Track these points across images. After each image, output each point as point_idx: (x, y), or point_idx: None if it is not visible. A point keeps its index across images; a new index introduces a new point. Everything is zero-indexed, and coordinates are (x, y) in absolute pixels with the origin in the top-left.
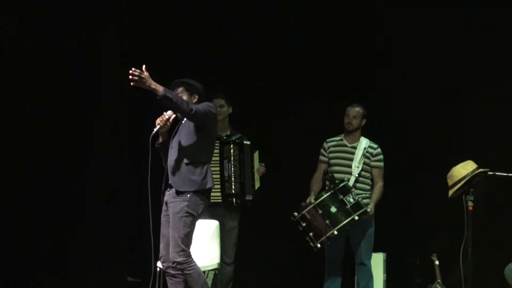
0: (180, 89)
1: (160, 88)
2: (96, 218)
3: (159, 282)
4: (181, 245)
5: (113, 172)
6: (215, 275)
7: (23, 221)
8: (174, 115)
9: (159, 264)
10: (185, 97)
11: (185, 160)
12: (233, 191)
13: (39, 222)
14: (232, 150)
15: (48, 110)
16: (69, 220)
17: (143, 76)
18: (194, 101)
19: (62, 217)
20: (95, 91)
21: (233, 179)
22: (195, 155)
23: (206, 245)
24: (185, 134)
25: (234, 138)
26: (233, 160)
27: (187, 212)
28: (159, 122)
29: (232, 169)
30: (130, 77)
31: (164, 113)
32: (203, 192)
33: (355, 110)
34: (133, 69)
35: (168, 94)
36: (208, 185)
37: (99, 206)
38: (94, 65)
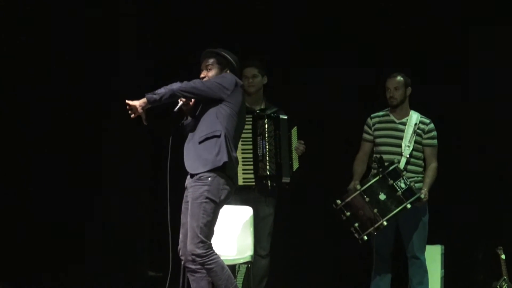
0: (211, 61)
1: (145, 99)
2: (114, 208)
3: (184, 276)
4: (200, 235)
5: (131, 158)
6: (247, 269)
7: (38, 214)
8: None
9: None
10: (215, 71)
11: (198, 139)
12: (267, 173)
13: (55, 216)
14: (266, 126)
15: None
16: (86, 212)
17: (133, 106)
18: None
19: (78, 209)
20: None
21: (267, 158)
22: (208, 130)
23: (237, 235)
24: (201, 111)
25: (269, 112)
26: (268, 137)
27: (207, 197)
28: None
29: (267, 147)
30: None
31: None
32: (226, 174)
33: (395, 81)
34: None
35: (150, 94)
36: (223, 160)
37: (116, 195)
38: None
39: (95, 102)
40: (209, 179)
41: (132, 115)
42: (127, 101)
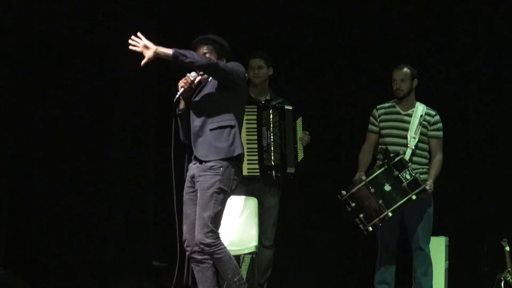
0: (208, 48)
1: (170, 51)
2: (118, 197)
3: (188, 267)
4: (210, 225)
5: (135, 147)
6: (252, 259)
7: (40, 201)
8: (199, 77)
9: None
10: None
11: (210, 125)
12: (272, 163)
13: (60, 204)
14: (271, 116)
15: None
16: (89, 201)
17: (148, 45)
18: None
19: (82, 198)
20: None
21: (272, 149)
22: (221, 119)
23: (242, 226)
24: (210, 96)
25: (274, 103)
26: (273, 127)
27: (219, 188)
28: (183, 84)
29: (272, 137)
30: (131, 47)
31: (188, 74)
32: (236, 165)
33: (402, 72)
34: (133, 37)
35: (180, 52)
36: (237, 152)
37: (121, 184)
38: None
39: (96, 96)
40: (221, 169)
41: (134, 48)
42: (140, 34)
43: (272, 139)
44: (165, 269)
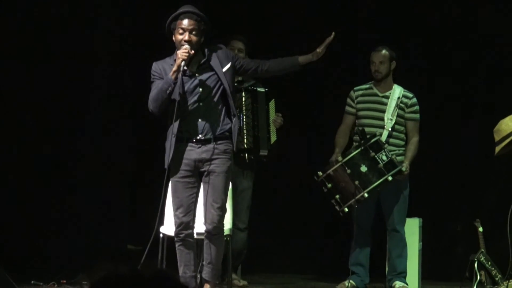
0: (198, 25)
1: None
2: (93, 181)
3: (162, 249)
4: (225, 209)
5: (112, 134)
6: (226, 242)
7: (19, 193)
8: (193, 51)
9: (164, 230)
10: (199, 37)
11: (233, 112)
12: (245, 146)
13: (37, 187)
14: (243, 99)
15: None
16: (65, 185)
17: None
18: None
19: (58, 182)
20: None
21: (245, 131)
22: (233, 108)
23: None
24: (232, 85)
25: (246, 85)
26: (245, 110)
27: (231, 171)
28: (185, 57)
29: (244, 120)
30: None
31: (186, 46)
32: None
33: (381, 55)
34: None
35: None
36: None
37: (97, 168)
38: None
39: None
40: (231, 153)
41: (327, 42)
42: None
43: (244, 122)
44: (140, 253)
